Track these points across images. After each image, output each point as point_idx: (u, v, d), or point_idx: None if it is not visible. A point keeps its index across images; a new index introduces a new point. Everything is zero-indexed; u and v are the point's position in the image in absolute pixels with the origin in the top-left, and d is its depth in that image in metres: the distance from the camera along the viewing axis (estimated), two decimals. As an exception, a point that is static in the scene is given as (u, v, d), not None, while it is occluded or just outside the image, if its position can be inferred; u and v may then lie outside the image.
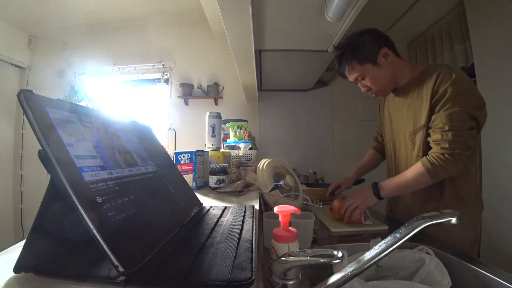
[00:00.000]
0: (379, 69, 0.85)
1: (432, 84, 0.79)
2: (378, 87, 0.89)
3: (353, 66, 0.86)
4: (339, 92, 2.63)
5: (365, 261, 0.32)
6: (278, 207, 0.44)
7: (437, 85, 0.77)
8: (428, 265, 0.59)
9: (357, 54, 0.85)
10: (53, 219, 0.30)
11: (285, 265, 0.38)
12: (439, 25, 2.10)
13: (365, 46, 0.85)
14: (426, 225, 0.33)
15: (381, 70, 0.86)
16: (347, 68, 0.88)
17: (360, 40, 0.86)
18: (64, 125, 0.32)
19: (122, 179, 0.37)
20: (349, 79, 0.92)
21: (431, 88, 0.79)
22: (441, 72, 0.78)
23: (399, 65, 0.88)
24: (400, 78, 0.90)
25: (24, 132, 2.62)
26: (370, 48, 0.85)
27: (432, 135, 0.79)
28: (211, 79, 2.67)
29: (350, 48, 0.87)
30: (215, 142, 1.20)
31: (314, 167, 2.52)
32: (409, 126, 0.88)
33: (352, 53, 0.86)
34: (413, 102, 0.87)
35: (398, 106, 0.94)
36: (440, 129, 0.76)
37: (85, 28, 2.66)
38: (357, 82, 0.91)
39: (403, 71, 0.89)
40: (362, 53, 0.85)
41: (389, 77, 0.88)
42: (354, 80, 0.91)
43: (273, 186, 0.85)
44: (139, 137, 0.52)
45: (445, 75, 0.77)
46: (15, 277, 0.28)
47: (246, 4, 0.88)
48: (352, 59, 0.86)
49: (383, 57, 0.84)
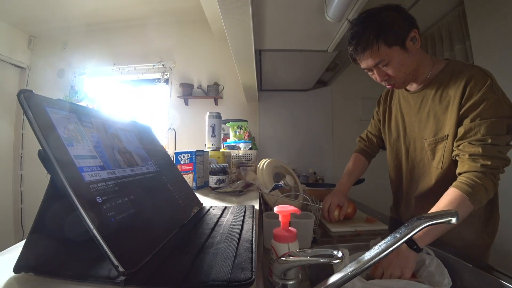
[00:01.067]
0: (407, 54, 0.70)
1: (461, 86, 0.68)
2: (401, 76, 0.73)
3: (378, 48, 0.68)
4: (339, 92, 2.63)
5: (365, 261, 0.32)
6: (278, 207, 0.44)
7: (470, 89, 0.66)
8: (428, 265, 0.59)
9: (386, 33, 0.67)
10: (53, 219, 0.30)
11: (285, 265, 0.38)
12: (439, 25, 2.10)
13: (395, 24, 0.68)
14: (426, 225, 0.32)
15: (408, 57, 0.70)
16: (367, 50, 0.69)
17: (389, 16, 0.68)
18: (64, 125, 0.32)
19: (122, 179, 0.37)
20: (364, 64, 0.73)
21: (461, 91, 0.68)
22: (473, 74, 0.67)
23: (423, 55, 0.75)
24: (423, 70, 0.76)
25: (24, 132, 2.63)
26: (401, 27, 0.68)
27: (467, 148, 0.65)
28: (211, 79, 2.67)
29: (376, 24, 0.68)
30: (215, 142, 1.20)
31: (314, 167, 2.52)
32: (429, 133, 0.77)
33: (379, 30, 0.67)
34: (435, 105, 0.75)
35: (414, 107, 0.82)
36: (480, 141, 0.63)
37: (85, 28, 2.67)
38: (373, 69, 0.74)
39: (425, 63, 0.76)
40: (391, 32, 0.67)
41: (414, 66, 0.73)
42: (372, 66, 0.73)
43: (273, 186, 0.85)
44: (139, 137, 0.52)
45: (479, 77, 0.66)
46: (15, 277, 0.28)
47: (246, 4, 0.88)
48: (378, 39, 0.67)
49: (411, 40, 0.69)
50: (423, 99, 0.79)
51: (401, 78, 0.74)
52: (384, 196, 1.24)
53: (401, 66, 0.71)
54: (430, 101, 0.77)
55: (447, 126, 0.72)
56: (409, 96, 0.85)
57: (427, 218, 0.33)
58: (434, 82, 0.76)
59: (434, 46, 2.18)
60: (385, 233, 0.83)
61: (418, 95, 0.81)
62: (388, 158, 0.99)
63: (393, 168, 0.96)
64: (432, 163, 0.78)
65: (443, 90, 0.73)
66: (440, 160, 0.75)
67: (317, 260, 0.35)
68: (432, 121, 0.77)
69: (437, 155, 0.76)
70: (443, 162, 0.75)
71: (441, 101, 0.74)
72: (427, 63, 0.76)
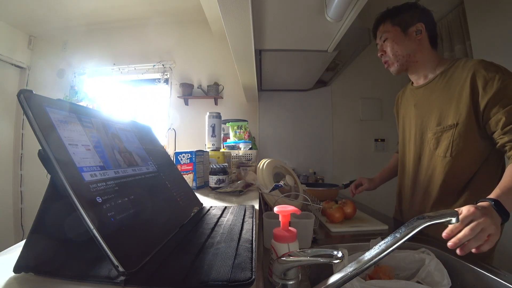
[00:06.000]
0: (404, 38, 0.85)
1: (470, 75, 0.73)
2: (393, 55, 0.88)
3: (384, 23, 0.89)
4: (339, 92, 2.63)
5: (365, 261, 0.32)
6: (278, 207, 0.44)
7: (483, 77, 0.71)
8: (428, 265, 0.59)
9: (395, 15, 0.88)
10: (53, 219, 0.30)
11: (285, 265, 0.38)
12: (439, 25, 2.10)
13: (405, 13, 0.86)
14: (426, 225, 0.33)
15: (405, 40, 0.85)
16: (380, 24, 0.91)
17: (407, 7, 0.88)
18: (64, 125, 0.32)
19: (122, 179, 0.37)
20: (377, 38, 0.94)
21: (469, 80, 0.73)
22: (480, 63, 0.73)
23: (426, 50, 0.86)
24: (422, 64, 0.87)
25: (24, 132, 2.62)
26: (409, 16, 0.85)
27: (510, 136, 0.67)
28: (211, 79, 2.67)
29: (394, 9, 0.90)
30: (215, 142, 1.20)
31: (314, 167, 2.52)
32: (433, 123, 0.83)
33: (392, 12, 0.89)
34: (441, 96, 0.82)
35: (422, 100, 0.89)
36: None
37: (85, 28, 2.66)
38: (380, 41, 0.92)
39: (427, 59, 0.86)
40: (399, 16, 0.87)
41: (408, 51, 0.86)
42: (379, 40, 0.92)
43: (273, 186, 0.85)
44: (139, 137, 0.52)
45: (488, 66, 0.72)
46: (15, 277, 0.28)
47: (246, 4, 0.88)
48: (388, 17, 0.89)
49: (415, 31, 0.84)
50: (430, 91, 0.86)
51: (393, 58, 0.88)
52: (384, 196, 1.24)
53: (394, 44, 0.86)
54: (436, 93, 0.83)
55: (455, 115, 0.76)
56: (416, 91, 0.92)
57: (427, 218, 0.33)
58: (440, 76, 0.83)
59: (434, 46, 2.18)
60: (385, 233, 0.84)
61: (425, 88, 0.88)
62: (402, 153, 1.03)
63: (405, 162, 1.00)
64: (435, 152, 0.82)
65: (449, 81, 0.79)
66: (447, 148, 0.79)
67: (317, 260, 0.35)
68: (436, 111, 0.82)
69: (442, 143, 0.80)
70: (452, 149, 0.78)
71: (445, 93, 0.79)
72: (431, 59, 0.85)
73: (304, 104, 2.61)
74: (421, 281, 0.58)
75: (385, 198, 1.37)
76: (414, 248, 0.67)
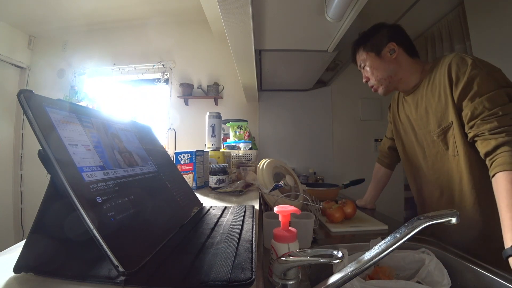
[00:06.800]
0: (380, 61, 0.86)
1: (446, 73, 0.73)
2: (375, 79, 0.89)
3: (358, 52, 0.92)
4: (339, 92, 2.63)
5: (365, 261, 0.32)
6: (278, 207, 0.44)
7: (455, 73, 0.71)
8: (428, 265, 0.59)
9: (366, 41, 0.89)
10: (53, 219, 0.30)
11: (285, 265, 0.38)
12: (439, 25, 2.10)
13: (374, 36, 0.88)
14: (426, 225, 0.33)
15: (381, 63, 0.86)
16: (355, 54, 0.94)
17: (374, 30, 0.89)
18: (64, 125, 0.32)
19: (122, 179, 0.37)
20: (357, 65, 0.96)
21: (447, 78, 0.73)
22: (453, 59, 0.73)
23: (406, 64, 0.85)
24: (407, 79, 0.87)
25: (24, 132, 2.62)
26: (378, 39, 0.87)
27: (483, 125, 0.66)
28: (211, 79, 2.67)
29: (363, 35, 0.92)
30: (215, 142, 1.20)
31: (314, 167, 2.52)
32: (433, 125, 0.82)
33: (362, 39, 0.91)
34: (429, 99, 0.82)
35: (413, 107, 0.89)
36: (491, 116, 0.64)
37: (85, 28, 2.66)
38: (361, 69, 0.94)
39: (410, 72, 0.86)
40: (369, 41, 0.88)
41: (388, 73, 0.86)
42: (358, 67, 0.94)
43: (273, 186, 0.85)
44: (139, 137, 0.52)
45: (458, 61, 0.71)
46: (15, 277, 0.28)
47: (246, 4, 0.88)
48: (360, 45, 0.91)
49: (389, 52, 0.85)
50: (418, 97, 0.86)
51: (376, 81, 0.89)
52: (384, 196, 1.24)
53: (374, 70, 0.88)
54: (425, 97, 0.83)
55: (449, 114, 0.76)
56: (407, 99, 0.93)
57: (427, 218, 0.33)
58: (424, 80, 0.84)
59: (434, 46, 2.18)
60: (385, 233, 0.84)
61: (413, 95, 0.89)
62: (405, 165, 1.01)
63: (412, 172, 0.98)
64: (448, 153, 0.81)
65: (432, 83, 0.80)
66: (454, 147, 0.78)
67: (317, 260, 0.35)
68: (431, 114, 0.82)
69: (449, 143, 0.79)
70: (456, 148, 0.77)
71: (433, 93, 0.79)
72: (414, 70, 0.86)
73: (304, 104, 2.62)
74: (421, 281, 0.58)
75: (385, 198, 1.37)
76: (414, 248, 0.67)
